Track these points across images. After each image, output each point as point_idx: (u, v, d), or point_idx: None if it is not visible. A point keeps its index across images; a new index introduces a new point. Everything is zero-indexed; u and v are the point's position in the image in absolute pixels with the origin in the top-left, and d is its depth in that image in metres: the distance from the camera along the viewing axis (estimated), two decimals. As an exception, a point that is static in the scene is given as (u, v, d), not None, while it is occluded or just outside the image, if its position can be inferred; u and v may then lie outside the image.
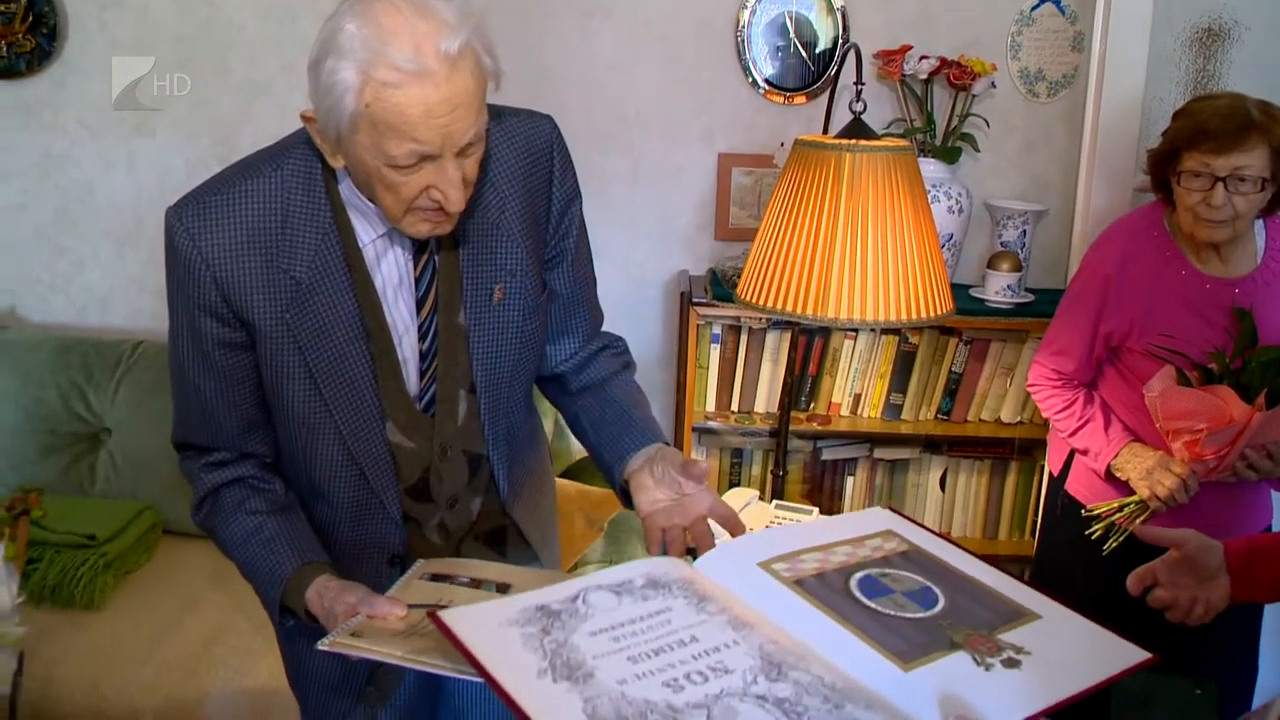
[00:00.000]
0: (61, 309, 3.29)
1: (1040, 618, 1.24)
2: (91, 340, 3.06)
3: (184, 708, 2.33)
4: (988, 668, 1.14)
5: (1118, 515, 2.27)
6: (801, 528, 1.39)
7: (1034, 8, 2.96)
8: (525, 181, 1.53)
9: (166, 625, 2.53)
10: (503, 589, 1.39)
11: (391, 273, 1.48)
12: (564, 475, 2.77)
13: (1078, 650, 1.20)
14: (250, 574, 1.53)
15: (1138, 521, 2.24)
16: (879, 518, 1.47)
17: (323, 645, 1.29)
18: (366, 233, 1.46)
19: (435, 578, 1.46)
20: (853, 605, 1.23)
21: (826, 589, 1.26)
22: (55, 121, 3.15)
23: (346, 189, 1.43)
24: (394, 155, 1.29)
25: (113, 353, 3.02)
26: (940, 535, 1.44)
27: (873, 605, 1.23)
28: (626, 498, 1.57)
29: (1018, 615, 1.24)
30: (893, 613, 1.22)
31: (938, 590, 1.28)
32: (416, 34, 1.25)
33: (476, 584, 1.42)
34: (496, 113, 1.50)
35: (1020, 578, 3.06)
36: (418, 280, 1.49)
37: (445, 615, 1.15)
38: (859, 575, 1.29)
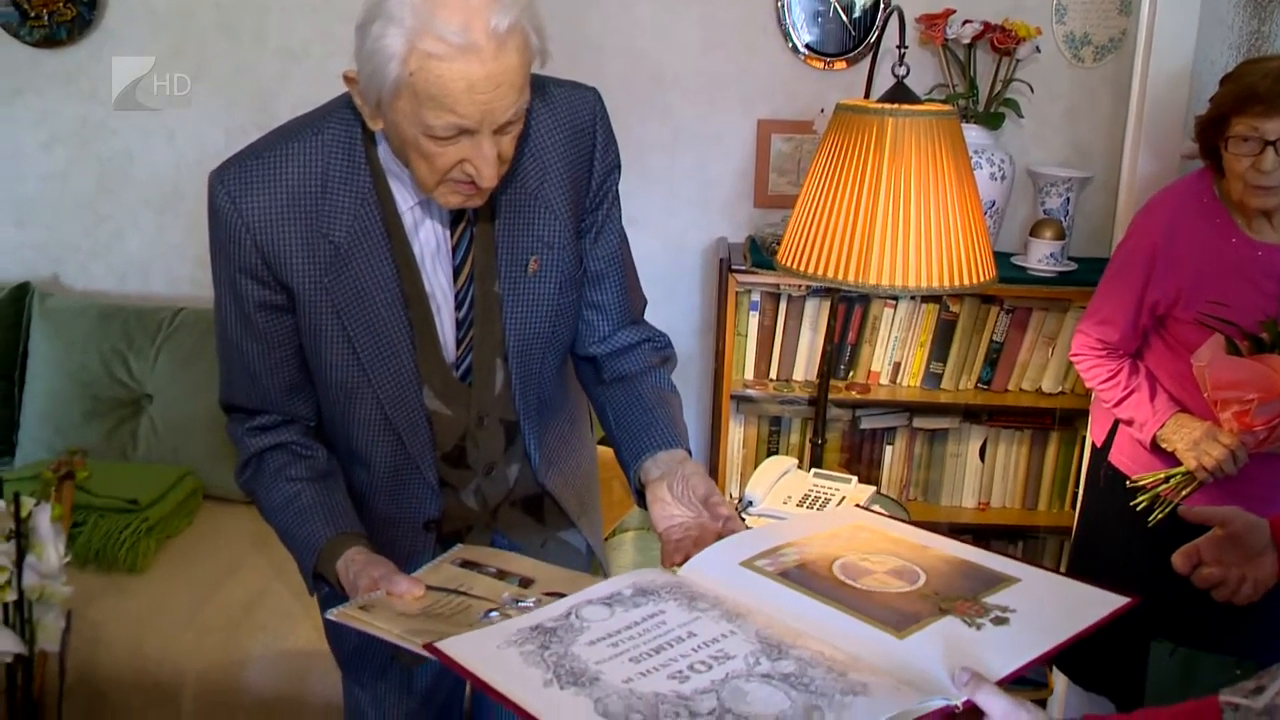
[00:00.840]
0: (102, 276, 3.31)
1: (1019, 580, 1.26)
2: (132, 307, 3.09)
3: (225, 669, 2.36)
4: (978, 627, 1.15)
5: (1163, 487, 2.24)
6: (776, 526, 1.41)
7: (1081, -30, 2.91)
8: (567, 153, 1.52)
9: (207, 589, 2.56)
10: (526, 584, 1.40)
11: (429, 240, 1.48)
12: (602, 443, 2.77)
13: (1061, 603, 1.22)
14: (286, 540, 1.54)
15: (1184, 493, 2.21)
16: (849, 515, 1.49)
17: (330, 615, 1.30)
18: (405, 199, 1.45)
19: (466, 564, 1.46)
20: (838, 587, 1.24)
21: (811, 576, 1.27)
22: (95, 90, 3.17)
23: (385, 154, 1.43)
24: (432, 126, 1.29)
25: (153, 320, 3.04)
26: (912, 524, 1.45)
27: (858, 585, 1.24)
28: (641, 498, 1.54)
29: (997, 581, 1.26)
30: (878, 589, 1.23)
31: (918, 568, 1.28)
32: (468, 8, 1.24)
33: (501, 575, 1.42)
34: (541, 84, 1.49)
35: (1060, 550, 3.05)
36: (455, 248, 1.49)
37: (442, 644, 1.17)
38: (840, 561, 1.30)
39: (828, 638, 1.13)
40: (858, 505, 1.56)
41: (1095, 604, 1.21)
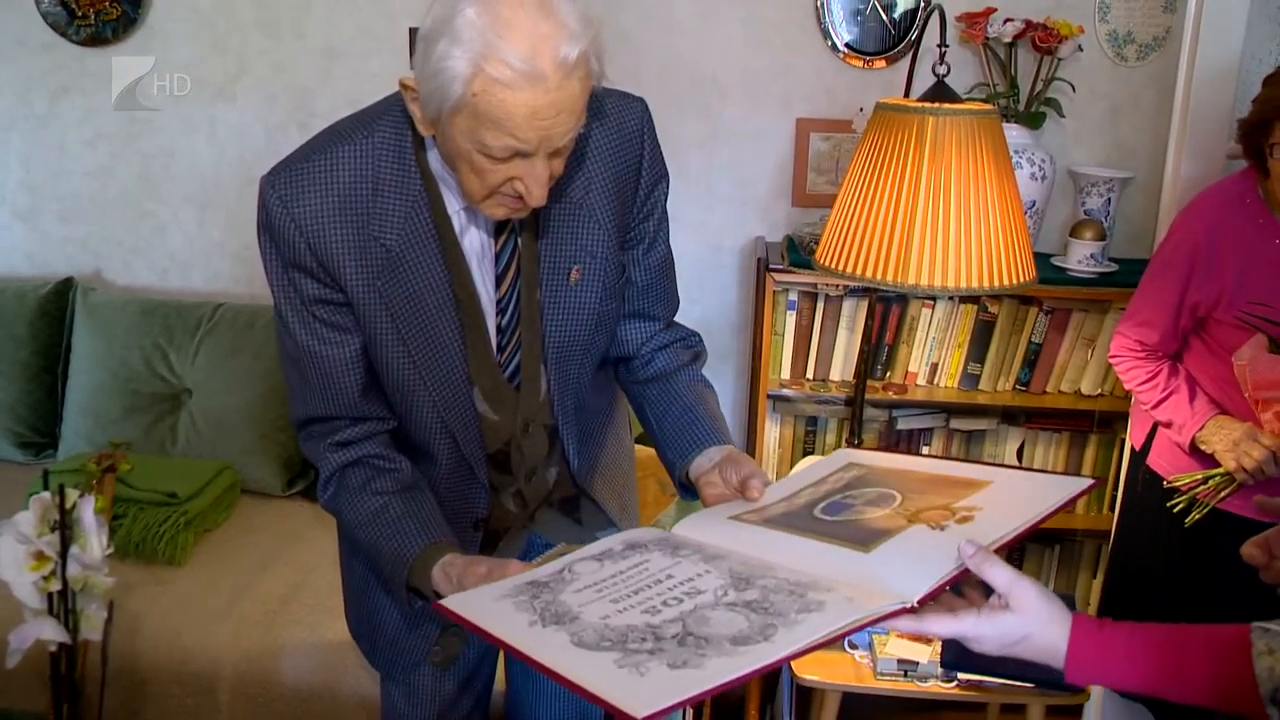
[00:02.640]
0: (143, 272, 3.35)
1: (991, 483, 1.31)
2: (173, 303, 3.12)
3: (261, 662, 2.38)
4: (943, 529, 1.20)
5: (1202, 488, 2.22)
6: (771, 487, 1.44)
7: (1124, -32, 2.88)
8: (615, 163, 1.52)
9: (244, 582, 2.58)
10: None
11: (474, 244, 1.48)
12: (639, 441, 2.77)
13: (1025, 495, 1.27)
14: (376, 554, 1.52)
15: (1223, 495, 2.19)
16: (841, 456, 1.52)
17: (444, 602, 1.28)
18: (452, 203, 1.45)
19: None
20: (816, 522, 1.29)
21: (792, 518, 1.32)
22: (139, 87, 3.20)
23: (435, 160, 1.43)
24: (489, 146, 1.29)
25: (193, 315, 3.07)
26: (903, 454, 1.48)
27: (835, 519, 1.29)
28: (684, 489, 1.57)
29: (972, 487, 1.30)
30: (854, 518, 1.28)
31: (895, 493, 1.33)
32: (536, 34, 1.23)
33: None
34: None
35: (1098, 554, 3.01)
36: (498, 255, 1.49)
37: (445, 601, 1.25)
38: (823, 504, 1.35)
39: (797, 564, 1.20)
40: (848, 445, 1.59)
41: (1057, 489, 1.27)
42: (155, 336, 3.04)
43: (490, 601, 1.22)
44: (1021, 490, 1.29)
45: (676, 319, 1.72)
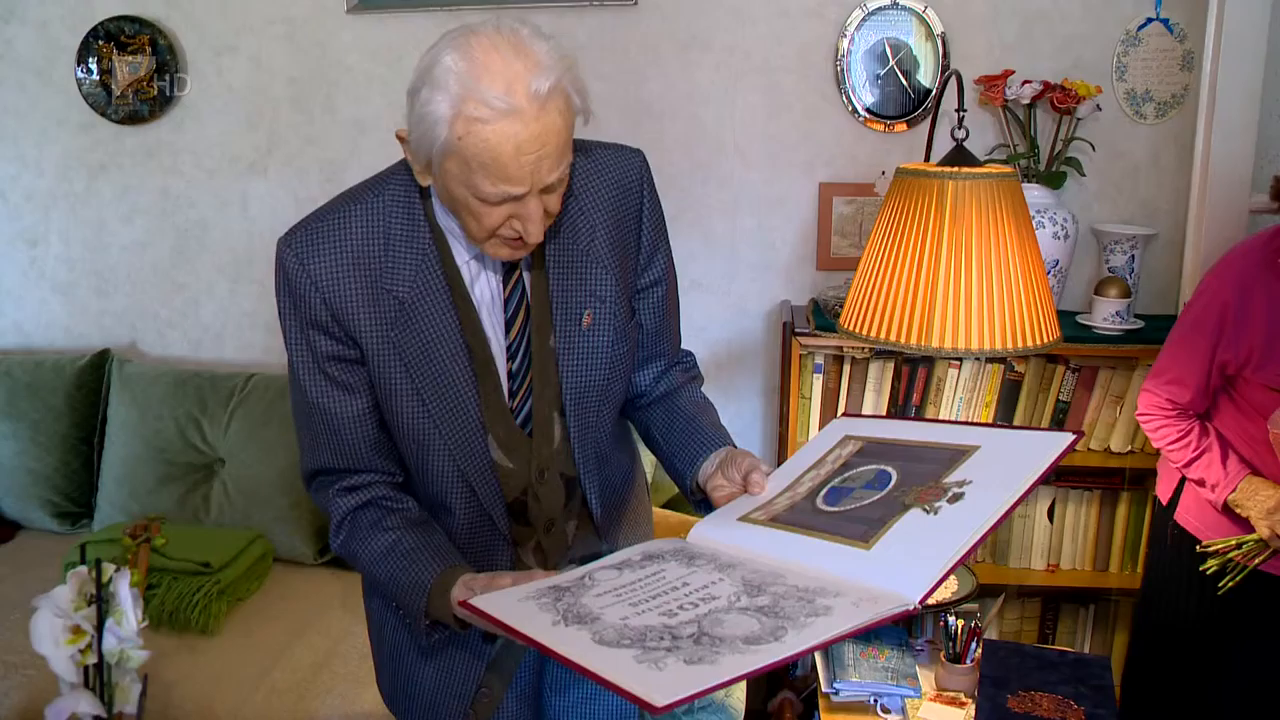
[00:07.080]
0: (177, 343, 3.41)
1: (979, 448, 1.36)
2: (206, 373, 3.17)
3: (295, 732, 2.39)
4: (936, 512, 1.27)
5: (1235, 552, 2.19)
6: (776, 475, 1.51)
7: (1140, 27, 2.90)
8: (615, 212, 1.57)
9: (277, 651, 2.59)
10: None
11: (484, 293, 1.53)
12: (665, 506, 2.78)
13: (1013, 460, 1.32)
14: (393, 587, 1.54)
15: (1257, 560, 2.16)
16: (837, 429, 1.58)
17: (473, 601, 1.34)
18: (461, 254, 1.51)
19: None
20: (819, 516, 1.36)
21: (797, 514, 1.39)
22: (174, 164, 3.28)
23: (439, 210, 1.48)
24: (484, 192, 1.35)
25: (226, 385, 3.11)
26: (896, 418, 1.52)
27: (836, 509, 1.36)
28: (698, 504, 1.61)
29: (961, 455, 1.36)
30: (853, 506, 1.35)
31: (890, 469, 1.39)
32: (510, 72, 1.30)
33: None
34: (588, 147, 1.56)
35: (1132, 614, 2.96)
36: (506, 301, 1.53)
37: (473, 600, 1.32)
38: (823, 492, 1.41)
39: (805, 568, 1.28)
40: (845, 414, 1.64)
41: (1042, 450, 1.31)
42: (189, 407, 3.09)
43: (515, 602, 1.29)
44: (1008, 455, 1.34)
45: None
